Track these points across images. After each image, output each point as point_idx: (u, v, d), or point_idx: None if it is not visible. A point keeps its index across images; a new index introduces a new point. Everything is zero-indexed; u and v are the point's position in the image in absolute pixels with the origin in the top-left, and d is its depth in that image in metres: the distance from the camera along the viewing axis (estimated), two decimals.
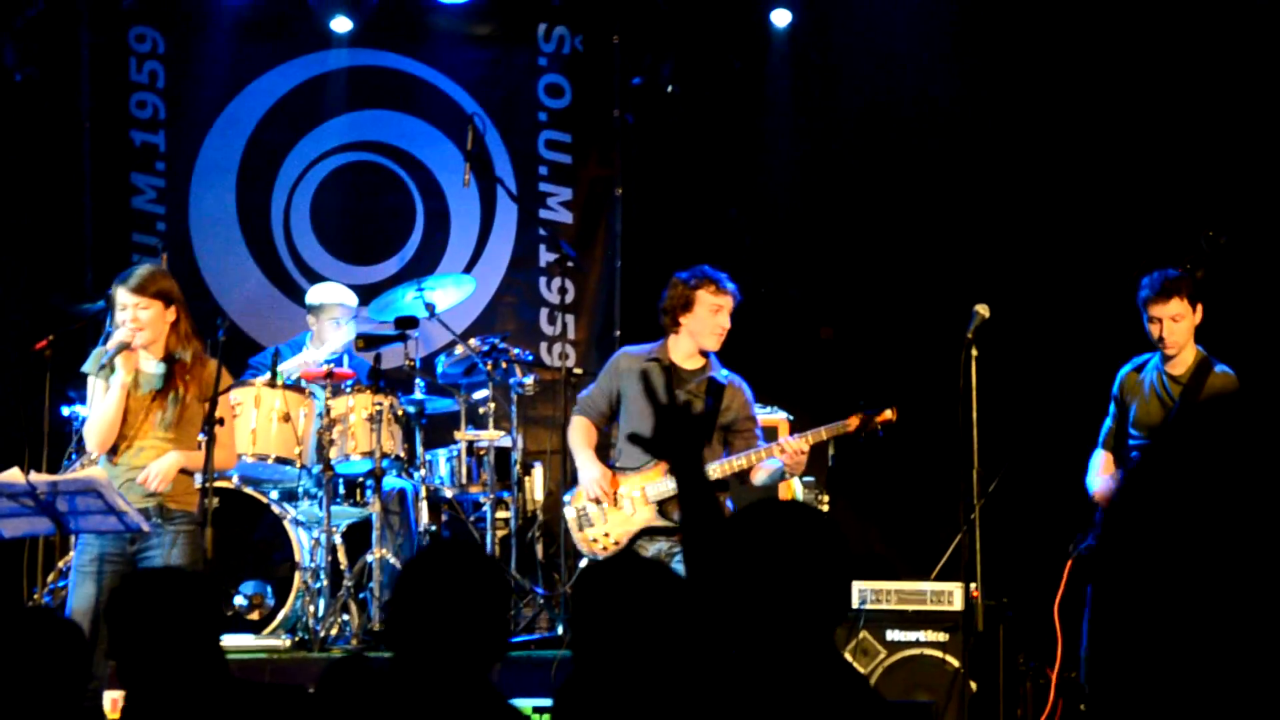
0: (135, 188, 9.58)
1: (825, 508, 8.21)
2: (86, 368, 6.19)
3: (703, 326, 6.54)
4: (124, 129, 9.58)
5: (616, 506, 6.38)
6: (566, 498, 6.74)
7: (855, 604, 7.26)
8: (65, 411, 7.99)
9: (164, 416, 6.09)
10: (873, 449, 9.16)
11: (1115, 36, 9.10)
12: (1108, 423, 6.77)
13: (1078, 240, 9.01)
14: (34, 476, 5.87)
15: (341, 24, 9.70)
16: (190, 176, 9.64)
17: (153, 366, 6.12)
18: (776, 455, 6.38)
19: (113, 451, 6.09)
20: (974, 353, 6.76)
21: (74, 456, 7.82)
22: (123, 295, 6.06)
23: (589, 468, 6.50)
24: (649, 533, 6.36)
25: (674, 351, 6.60)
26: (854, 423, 6.47)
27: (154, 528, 5.99)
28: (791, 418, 7.57)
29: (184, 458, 6.06)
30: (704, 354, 6.63)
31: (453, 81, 9.90)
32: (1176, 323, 6.51)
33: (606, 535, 6.36)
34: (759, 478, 6.54)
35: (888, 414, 6.49)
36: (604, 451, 6.80)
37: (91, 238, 9.45)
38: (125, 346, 6.01)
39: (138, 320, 6.03)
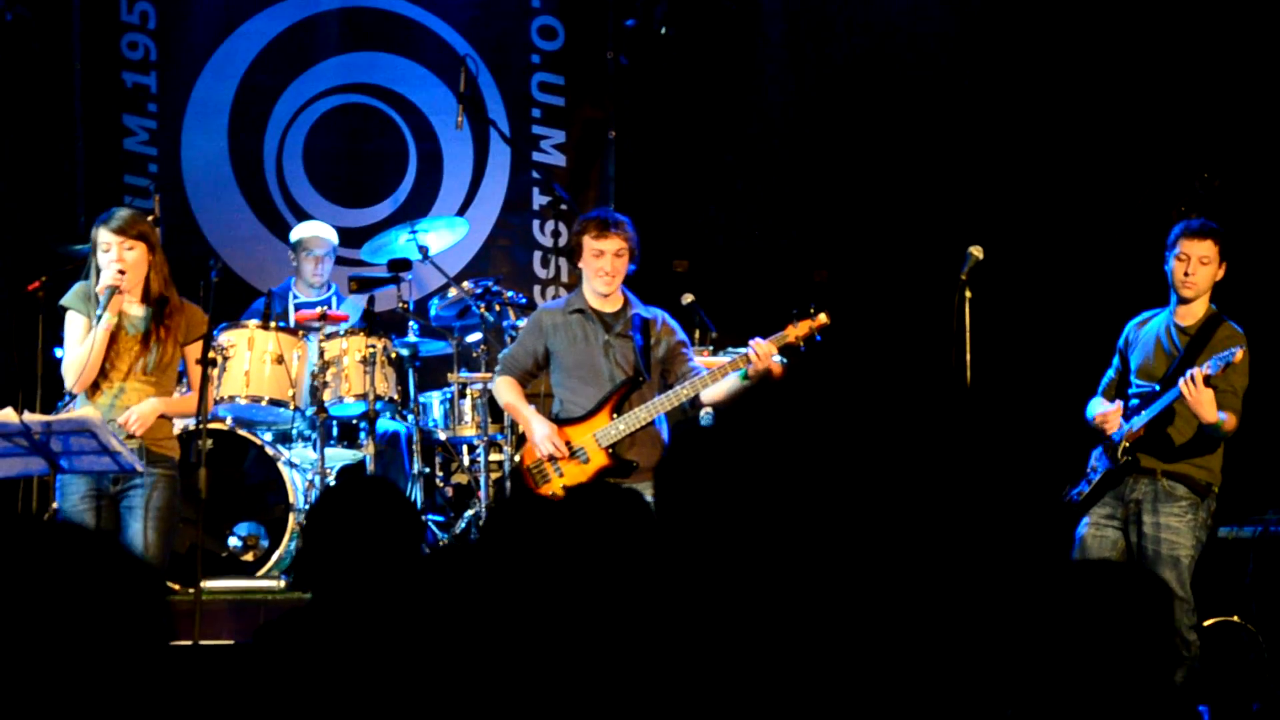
0: (127, 129, 9.52)
1: None
2: (66, 301, 6.17)
3: (589, 270, 6.49)
4: (115, 70, 9.52)
5: (571, 459, 6.37)
6: (516, 457, 6.70)
7: None
8: (58, 353, 7.98)
9: (146, 360, 6.09)
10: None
11: None
12: (1109, 373, 6.75)
13: (1073, 182, 8.99)
14: (28, 416, 5.87)
15: None
16: (182, 118, 9.59)
17: (137, 310, 6.10)
18: (751, 358, 6.37)
19: (94, 391, 6.09)
20: (968, 295, 6.74)
21: (67, 397, 7.81)
22: (105, 236, 6.05)
23: (539, 425, 6.43)
24: (605, 475, 6.36)
25: (589, 298, 6.54)
26: (790, 332, 6.50)
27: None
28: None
29: (163, 403, 6.08)
30: (623, 293, 6.58)
31: (445, 23, 9.84)
32: (1204, 265, 6.47)
33: (565, 489, 6.35)
34: (715, 393, 6.52)
35: (822, 318, 6.52)
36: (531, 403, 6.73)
37: (83, 179, 9.41)
38: (115, 290, 5.99)
39: (123, 260, 6.02)
